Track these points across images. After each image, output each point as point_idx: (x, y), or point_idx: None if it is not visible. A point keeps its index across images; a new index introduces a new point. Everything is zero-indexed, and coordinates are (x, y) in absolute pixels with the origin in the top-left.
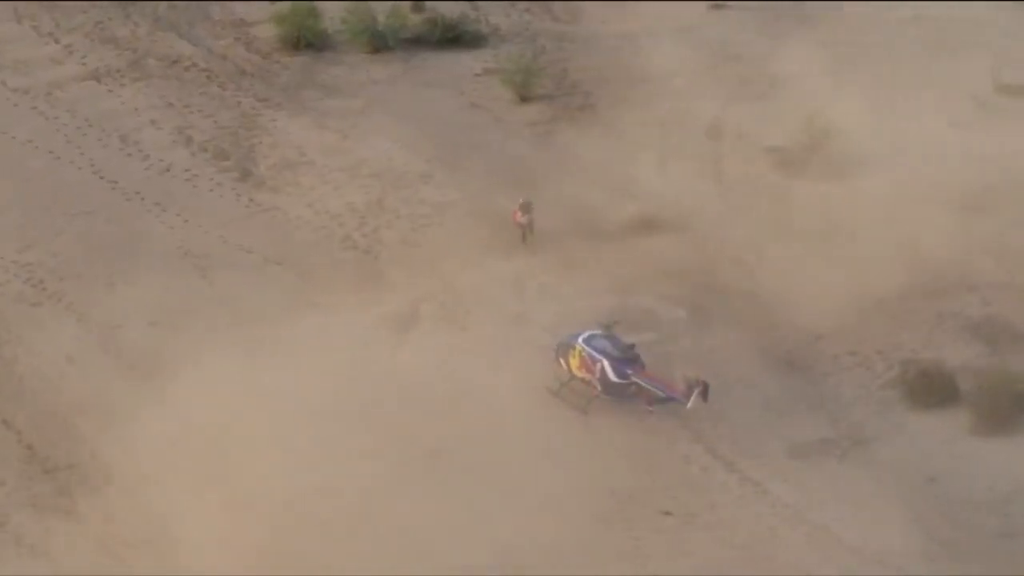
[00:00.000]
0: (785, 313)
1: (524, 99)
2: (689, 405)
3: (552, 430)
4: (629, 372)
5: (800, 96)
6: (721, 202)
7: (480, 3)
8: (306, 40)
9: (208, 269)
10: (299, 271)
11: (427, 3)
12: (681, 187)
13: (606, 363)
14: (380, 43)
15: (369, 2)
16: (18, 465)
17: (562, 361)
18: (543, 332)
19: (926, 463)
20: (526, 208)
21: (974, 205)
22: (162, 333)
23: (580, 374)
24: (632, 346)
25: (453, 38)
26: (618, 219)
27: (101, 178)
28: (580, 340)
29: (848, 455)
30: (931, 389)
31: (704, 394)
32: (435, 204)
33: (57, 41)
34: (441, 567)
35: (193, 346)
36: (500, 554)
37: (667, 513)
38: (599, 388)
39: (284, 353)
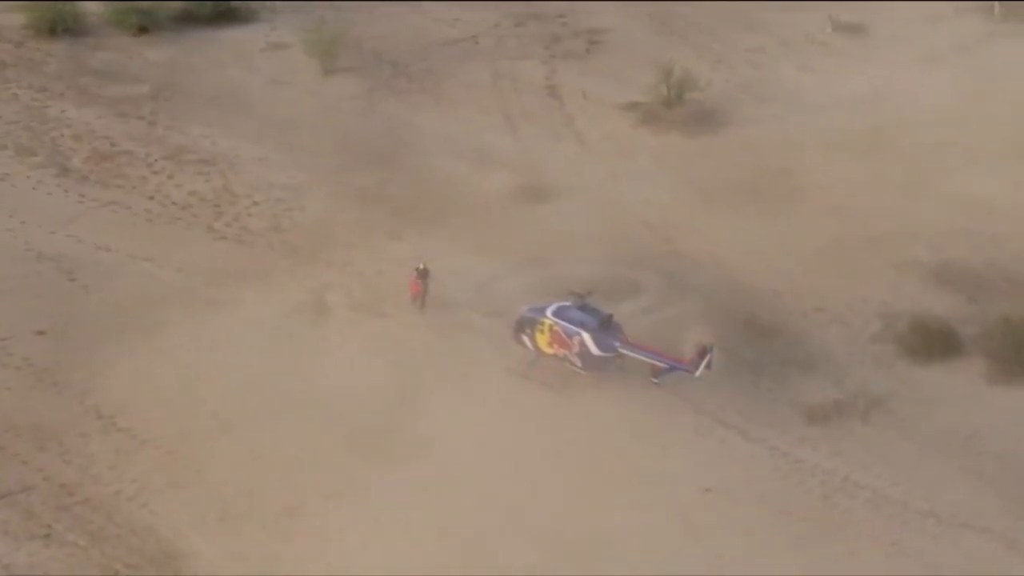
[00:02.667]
0: (728, 274)
1: (329, 72)
2: (698, 374)
3: (540, 415)
4: (615, 344)
5: (628, 52)
6: (596, 164)
7: None
8: (63, 26)
9: (73, 271)
10: (175, 267)
11: None
12: (543, 152)
13: (587, 336)
14: (147, 23)
15: None
16: None
17: (526, 339)
18: (472, 313)
19: (958, 418)
20: (424, 275)
21: (866, 148)
22: (56, 342)
23: (551, 351)
24: (610, 316)
25: (224, 14)
26: (494, 189)
27: None
28: (549, 313)
29: (869, 416)
30: (931, 341)
31: (710, 362)
32: (287, 187)
33: None
34: (485, 565)
35: (101, 354)
36: (548, 548)
37: (707, 490)
38: (579, 364)
39: (208, 354)
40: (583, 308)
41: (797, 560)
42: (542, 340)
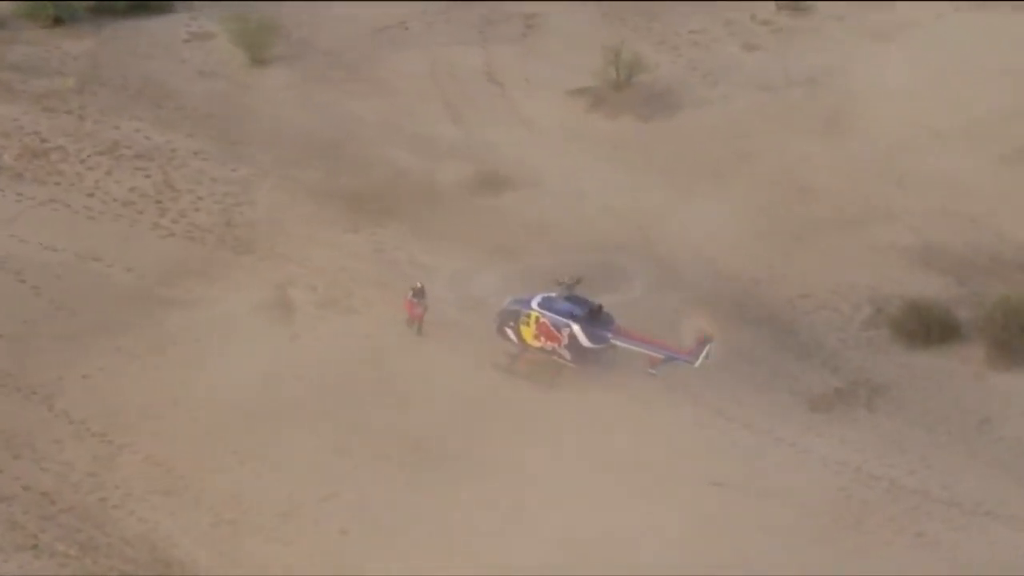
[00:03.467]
0: (707, 261)
1: (259, 62)
2: (698, 363)
3: (531, 410)
4: (608, 335)
5: (566, 36)
6: (551, 151)
7: None
8: None
9: (21, 272)
10: (125, 266)
11: None
12: (493, 140)
13: (576, 328)
14: (62, 15)
15: None
16: None
17: (509, 332)
18: (446, 307)
19: (965, 404)
20: (420, 294)
21: (825, 127)
22: (14, 346)
23: (538, 344)
24: (600, 306)
25: (140, 5)
26: (449, 180)
27: None
28: (535, 305)
29: (874, 404)
30: (929, 326)
31: (709, 351)
32: (230, 181)
33: None
34: (491, 565)
35: (62, 358)
36: (556, 547)
37: (717, 484)
38: (568, 357)
39: (175, 355)
40: (571, 298)
41: (822, 555)
42: (527, 333)
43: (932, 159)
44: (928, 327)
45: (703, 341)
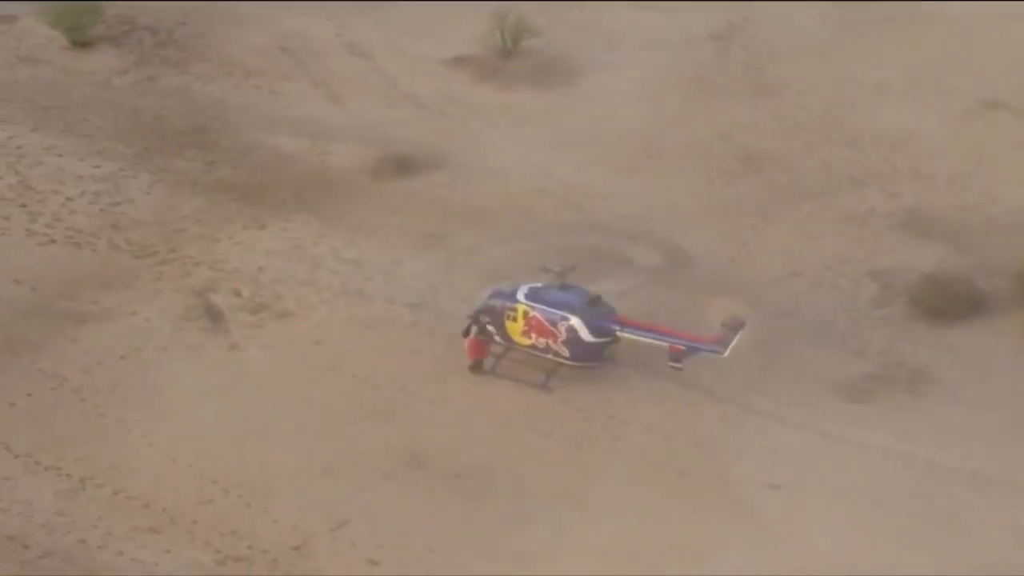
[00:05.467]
0: (671, 243)
1: (81, 44)
2: (727, 352)
3: (530, 414)
4: (614, 327)
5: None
6: (449, 129)
7: None
8: None
9: None
10: (11, 278)
11: None
12: (379, 120)
13: (577, 320)
14: None
15: None
16: None
17: (492, 329)
18: (391, 304)
19: (1020, 384)
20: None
21: (749, 88)
22: None
23: (528, 341)
24: (599, 295)
25: None
26: (348, 165)
27: None
28: (521, 297)
29: (918, 389)
30: (957, 300)
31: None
32: (98, 179)
33: None
34: None
35: None
36: (615, 565)
37: (775, 486)
38: (566, 354)
39: (105, 375)
40: (564, 288)
41: (925, 560)
42: (515, 329)
43: (881, 117)
44: (956, 302)
45: (734, 327)
